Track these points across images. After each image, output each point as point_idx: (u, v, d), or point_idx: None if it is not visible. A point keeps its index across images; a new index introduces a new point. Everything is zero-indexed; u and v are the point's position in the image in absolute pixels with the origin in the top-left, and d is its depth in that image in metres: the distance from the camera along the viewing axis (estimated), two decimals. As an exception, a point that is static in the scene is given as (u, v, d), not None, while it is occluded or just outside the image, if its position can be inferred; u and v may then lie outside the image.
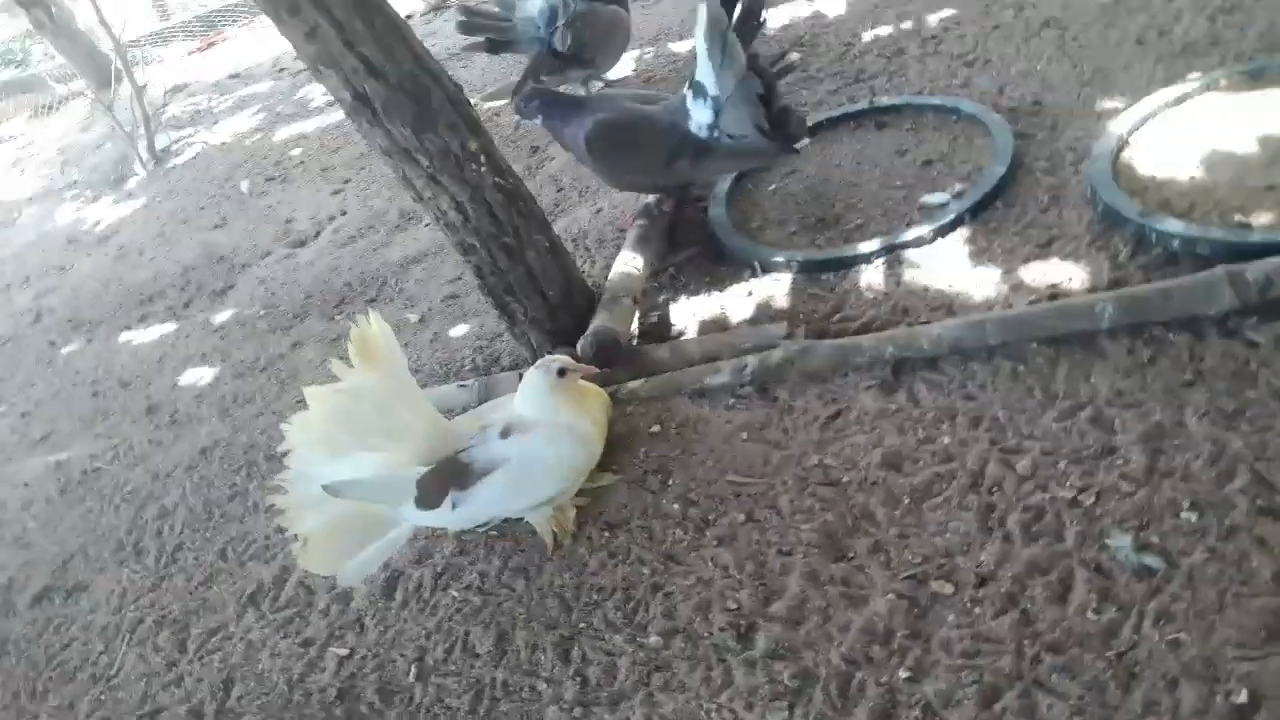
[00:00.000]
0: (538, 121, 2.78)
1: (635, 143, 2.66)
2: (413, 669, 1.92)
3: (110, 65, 6.24)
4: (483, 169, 2.19)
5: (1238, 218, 2.07)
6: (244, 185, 4.91)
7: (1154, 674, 1.41)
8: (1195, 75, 2.53)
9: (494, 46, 3.78)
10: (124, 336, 3.89)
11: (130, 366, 3.62)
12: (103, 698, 2.18)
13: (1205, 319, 1.87)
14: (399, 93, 2.07)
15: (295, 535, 1.96)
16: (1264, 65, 2.45)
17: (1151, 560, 1.54)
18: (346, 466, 1.90)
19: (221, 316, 3.69)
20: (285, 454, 1.94)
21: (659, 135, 2.62)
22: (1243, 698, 1.34)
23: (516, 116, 2.84)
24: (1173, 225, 2.06)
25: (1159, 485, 1.64)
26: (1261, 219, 2.03)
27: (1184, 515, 1.58)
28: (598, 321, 2.33)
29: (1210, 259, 1.97)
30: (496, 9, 3.80)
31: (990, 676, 1.48)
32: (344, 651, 2.03)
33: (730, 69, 2.44)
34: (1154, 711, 1.37)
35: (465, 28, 3.75)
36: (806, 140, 2.68)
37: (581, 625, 1.84)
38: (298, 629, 2.14)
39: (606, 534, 1.99)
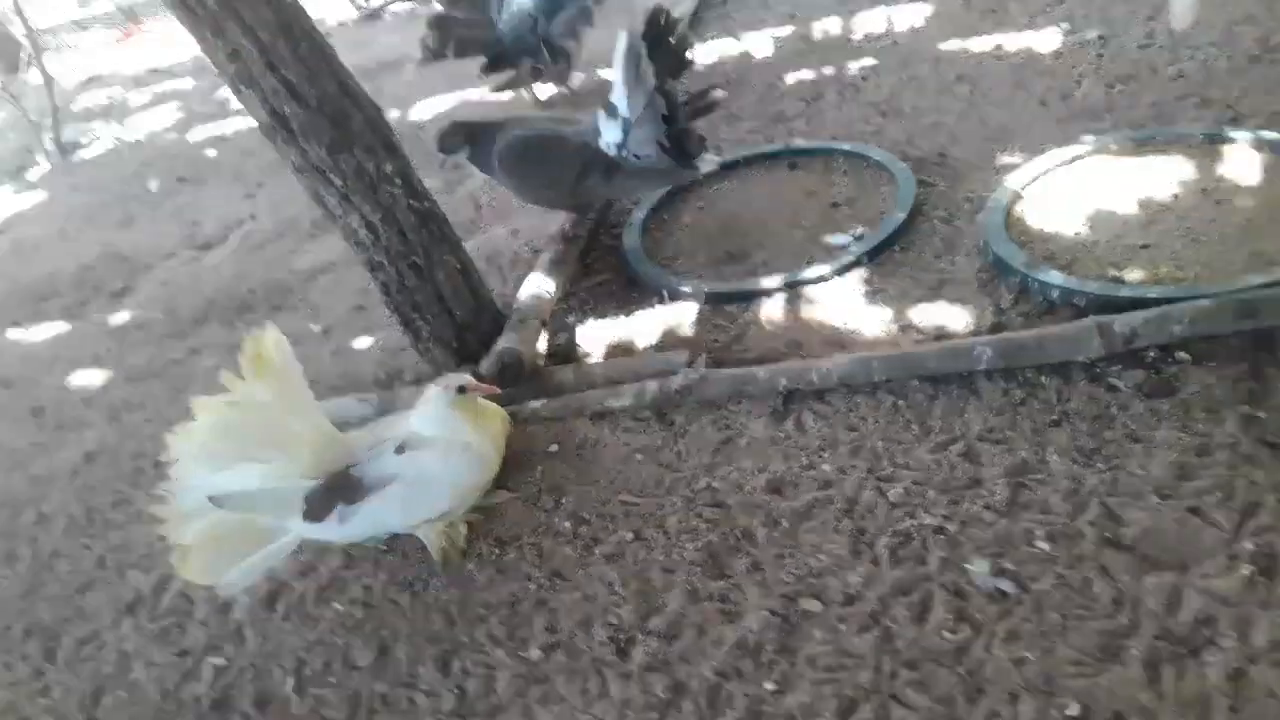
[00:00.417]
0: (463, 156, 2.82)
1: (546, 159, 2.72)
2: (291, 680, 1.91)
3: (20, 51, 6.05)
4: (397, 190, 2.22)
5: (1113, 273, 2.20)
6: (153, 184, 4.80)
7: (999, 689, 1.49)
8: (1089, 138, 2.69)
9: (463, 48, 3.78)
10: (13, 334, 3.75)
11: (17, 366, 3.49)
12: (-35, 707, 2.10)
13: (1075, 365, 1.99)
14: (318, 115, 2.09)
15: (175, 545, 1.93)
16: (1151, 134, 2.62)
17: (1005, 585, 1.63)
18: (231, 477, 1.89)
19: (118, 319, 3.60)
20: (169, 463, 1.92)
21: (570, 152, 2.69)
22: (1075, 710, 1.44)
23: (441, 154, 2.86)
24: (1053, 277, 2.19)
25: (1018, 516, 1.74)
26: (1134, 275, 2.17)
27: (1038, 544, 1.68)
28: (504, 342, 2.36)
29: (1085, 310, 2.10)
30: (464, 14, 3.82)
31: (850, 690, 1.55)
32: (221, 662, 2.00)
33: (640, 91, 2.53)
34: (997, 725, 1.45)
35: (438, 39, 3.74)
36: (713, 158, 2.75)
37: (464, 639, 1.85)
38: (175, 639, 2.10)
39: (497, 550, 2.01)
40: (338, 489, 1.92)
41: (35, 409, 3.17)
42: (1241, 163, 2.42)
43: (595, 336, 2.60)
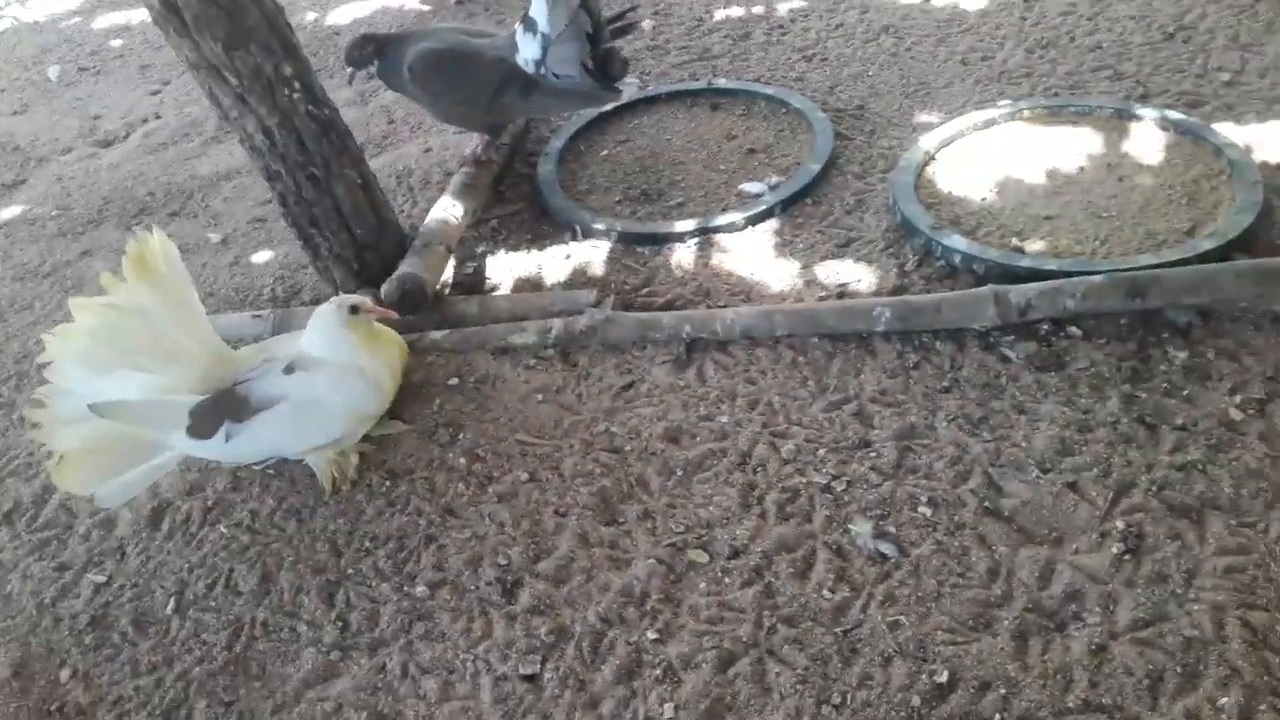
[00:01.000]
0: (372, 70, 2.68)
1: (460, 73, 2.60)
2: (171, 601, 1.88)
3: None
4: (295, 95, 2.11)
5: (1014, 242, 2.25)
6: (52, 71, 4.50)
7: (873, 651, 1.55)
8: (1005, 102, 2.72)
9: None
10: (-111, 220, 3.52)
11: (-108, 258, 3.29)
12: None
13: (970, 332, 2.04)
14: (213, 6, 1.96)
15: (52, 452, 1.87)
16: (1065, 103, 2.65)
17: (886, 548, 1.68)
18: (111, 385, 1.82)
19: (8, 213, 3.40)
20: (45, 366, 1.84)
21: (485, 67, 2.58)
22: (944, 678, 1.49)
23: (348, 68, 2.70)
24: (956, 242, 2.22)
25: (903, 480, 1.79)
26: (1035, 245, 2.22)
27: (920, 509, 1.73)
28: (406, 266, 2.30)
29: (985, 277, 2.14)
30: None
31: (729, 643, 1.59)
32: (101, 579, 1.96)
33: (563, 7, 2.44)
34: (867, 685, 1.51)
35: None
36: (634, 82, 2.69)
37: (350, 571, 1.84)
38: (54, 552, 2.04)
39: (388, 482, 1.99)
40: (224, 406, 1.87)
41: (-91, 304, 2.99)
42: (1146, 140, 2.47)
43: (503, 267, 2.56)
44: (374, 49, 2.63)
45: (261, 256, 2.83)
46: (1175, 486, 1.69)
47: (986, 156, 2.54)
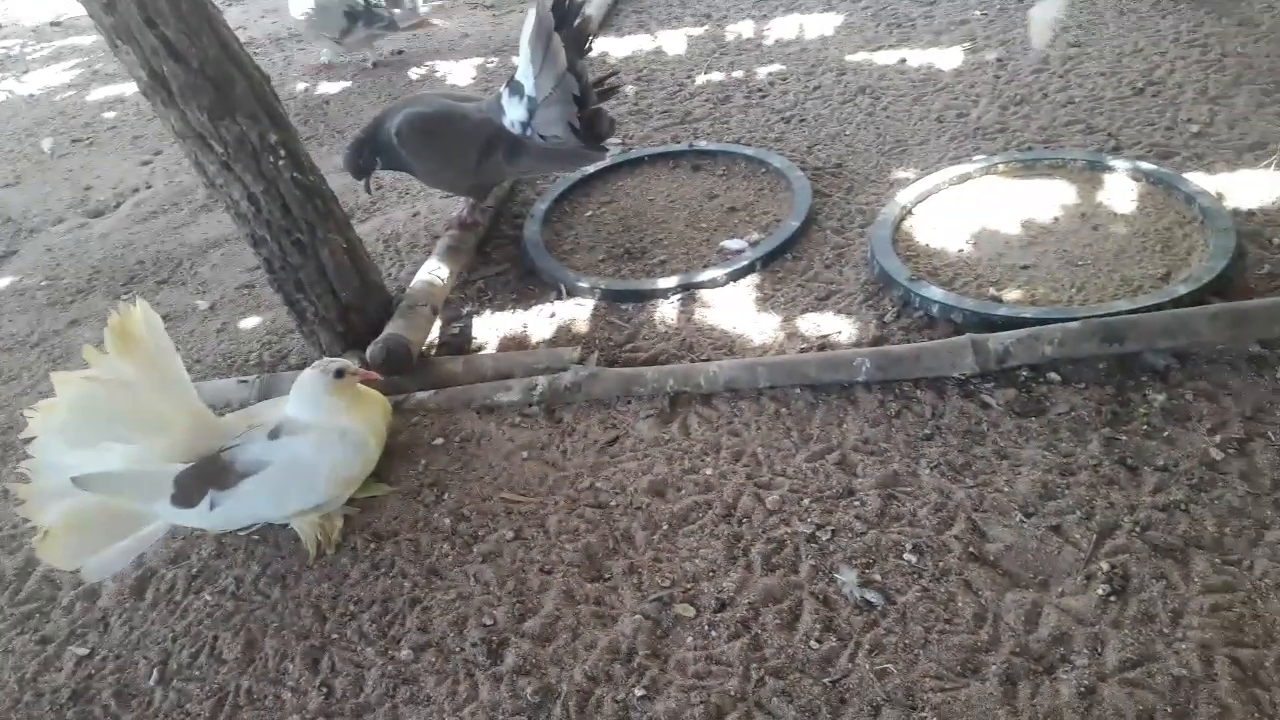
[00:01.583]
0: (378, 170, 2.74)
1: (447, 135, 2.63)
2: (155, 672, 1.85)
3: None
4: (281, 162, 2.15)
5: (991, 291, 2.28)
6: (46, 144, 4.58)
7: (861, 700, 1.53)
8: (980, 157, 2.78)
9: None
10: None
11: (-118, 328, 3.30)
12: None
13: (950, 380, 2.06)
14: (199, 77, 2.01)
15: (37, 527, 1.86)
16: (1038, 156, 2.71)
17: (872, 596, 1.67)
18: (95, 457, 1.82)
19: (-3, 284, 3.43)
20: (29, 441, 1.84)
21: (471, 129, 2.62)
22: (932, 725, 1.48)
23: (359, 181, 2.77)
24: (934, 293, 2.25)
25: (888, 527, 1.79)
26: (1012, 295, 2.25)
27: (906, 557, 1.73)
28: (391, 328, 2.32)
29: (963, 327, 2.16)
30: None
31: (717, 698, 1.57)
32: (84, 651, 1.93)
33: (551, 70, 2.50)
34: (856, 736, 1.49)
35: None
36: (615, 142, 2.74)
37: (334, 636, 1.82)
38: (37, 625, 2.02)
39: (373, 545, 1.97)
40: (208, 474, 1.87)
41: (-101, 376, 3.00)
42: (1119, 190, 2.53)
43: (489, 327, 2.58)
44: (369, 148, 2.66)
45: (249, 322, 2.84)
46: (1159, 527, 1.69)
47: (962, 210, 2.59)
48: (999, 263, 2.37)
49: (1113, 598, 1.59)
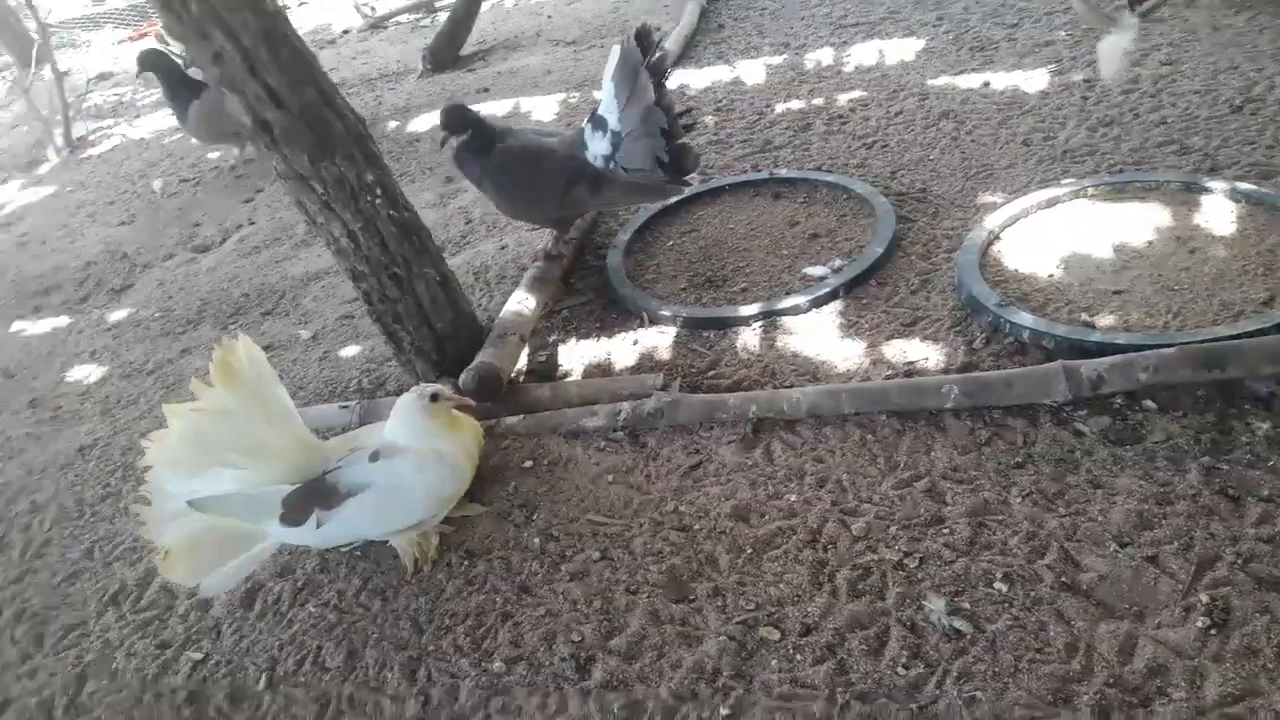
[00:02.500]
0: (461, 139, 2.72)
1: (533, 170, 2.72)
2: (264, 678, 1.94)
3: (32, 46, 6.12)
4: (377, 201, 2.25)
5: (1084, 317, 2.24)
6: (156, 184, 4.86)
7: (949, 727, 1.52)
8: (1069, 181, 2.74)
9: None
10: (16, 326, 3.81)
11: (18, 357, 3.55)
12: (-47, 686, 2.13)
13: (1041, 407, 2.03)
14: (299, 122, 2.12)
15: (157, 547, 1.97)
16: (1130, 179, 2.67)
17: (961, 624, 1.66)
18: (206, 482, 1.93)
19: (116, 315, 3.65)
20: (145, 469, 1.96)
21: (556, 164, 2.70)
22: (1023, 755, 1.46)
23: (443, 133, 2.73)
24: (1024, 318, 2.23)
25: (977, 556, 1.77)
26: (1104, 320, 2.21)
27: (996, 585, 1.71)
28: (482, 357, 2.40)
29: (1055, 353, 2.14)
30: None
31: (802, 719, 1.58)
32: (199, 656, 2.04)
33: (637, 105, 2.55)
34: (944, 763, 1.48)
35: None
36: (694, 176, 2.76)
37: (431, 648, 1.88)
38: (156, 631, 2.14)
39: (466, 562, 2.04)
40: (315, 494, 1.96)
41: (33, 400, 3.23)
42: (1217, 212, 2.46)
43: (574, 355, 2.64)
44: (469, 123, 2.69)
45: (349, 351, 2.97)
46: (1263, 559, 1.64)
47: (1052, 234, 2.56)
48: (1090, 287, 2.33)
49: (1213, 630, 1.55)
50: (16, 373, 3.45)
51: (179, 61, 4.47)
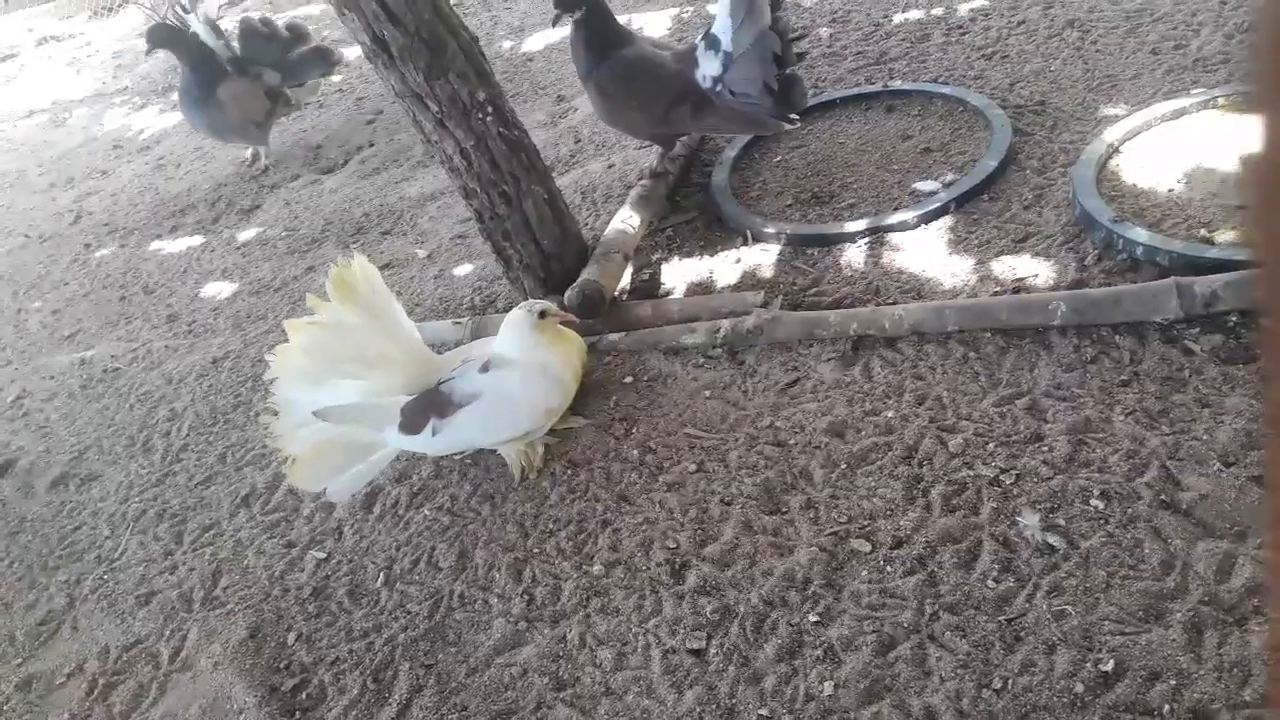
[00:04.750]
0: (579, 14, 2.66)
1: (642, 81, 2.69)
2: (381, 575, 2.09)
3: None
4: (488, 119, 2.31)
5: (1202, 233, 2.14)
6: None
7: (1036, 639, 1.54)
8: (1199, 91, 2.58)
9: None
10: (154, 245, 4.07)
11: (156, 275, 3.81)
12: (105, 578, 2.38)
13: (1151, 325, 1.97)
14: (415, 40, 2.18)
15: (285, 455, 2.12)
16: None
17: (1054, 540, 1.66)
18: (328, 393, 2.05)
19: (246, 235, 3.86)
20: (271, 381, 2.10)
21: (664, 80, 2.67)
22: (1109, 666, 1.47)
23: (556, 11, 2.69)
24: (1139, 234, 2.14)
25: (1075, 473, 1.76)
26: (1224, 236, 2.11)
27: (1093, 502, 1.70)
28: (587, 274, 2.46)
29: (1170, 269, 2.06)
30: None
31: (890, 628, 1.62)
32: (322, 555, 2.21)
33: (751, 26, 2.48)
34: (1029, 671, 1.50)
35: None
36: (795, 117, 2.67)
37: (535, 550, 2.00)
38: (283, 532, 2.32)
39: (569, 471, 2.14)
40: (430, 404, 2.07)
41: (171, 315, 3.47)
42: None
43: (677, 273, 2.68)
44: (585, 1, 2.63)
45: (462, 269, 3.08)
46: (1382, 484, 1.58)
47: (1175, 147, 2.42)
48: (1212, 203, 2.22)
49: (1320, 554, 1.51)
50: (155, 289, 3.70)
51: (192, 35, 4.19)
